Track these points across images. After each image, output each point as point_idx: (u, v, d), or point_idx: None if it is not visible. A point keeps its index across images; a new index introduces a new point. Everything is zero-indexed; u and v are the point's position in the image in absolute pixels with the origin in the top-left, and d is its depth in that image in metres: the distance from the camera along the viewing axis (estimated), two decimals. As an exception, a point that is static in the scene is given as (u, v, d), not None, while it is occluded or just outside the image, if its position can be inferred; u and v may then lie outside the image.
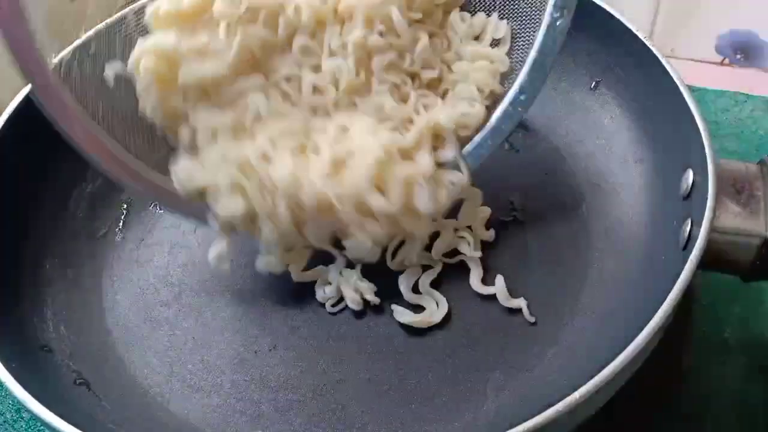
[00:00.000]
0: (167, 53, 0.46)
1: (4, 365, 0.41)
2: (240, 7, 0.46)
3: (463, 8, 0.51)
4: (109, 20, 0.50)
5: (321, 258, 0.50)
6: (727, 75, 0.73)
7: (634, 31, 0.52)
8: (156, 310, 0.52)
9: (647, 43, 0.51)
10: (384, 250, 0.49)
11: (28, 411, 0.40)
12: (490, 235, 0.52)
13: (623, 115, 0.55)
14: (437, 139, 0.49)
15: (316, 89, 0.48)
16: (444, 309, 0.49)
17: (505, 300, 0.49)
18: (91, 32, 0.50)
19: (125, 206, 0.57)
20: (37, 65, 0.45)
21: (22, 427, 0.52)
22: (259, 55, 0.47)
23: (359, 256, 0.48)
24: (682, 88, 0.47)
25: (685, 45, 0.73)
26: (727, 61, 0.74)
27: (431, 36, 0.49)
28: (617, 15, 0.53)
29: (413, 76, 0.49)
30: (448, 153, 0.48)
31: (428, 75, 0.49)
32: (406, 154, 0.47)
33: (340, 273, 0.50)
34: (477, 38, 0.51)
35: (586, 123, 0.57)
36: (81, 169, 0.56)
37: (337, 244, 0.48)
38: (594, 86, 0.57)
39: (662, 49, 0.50)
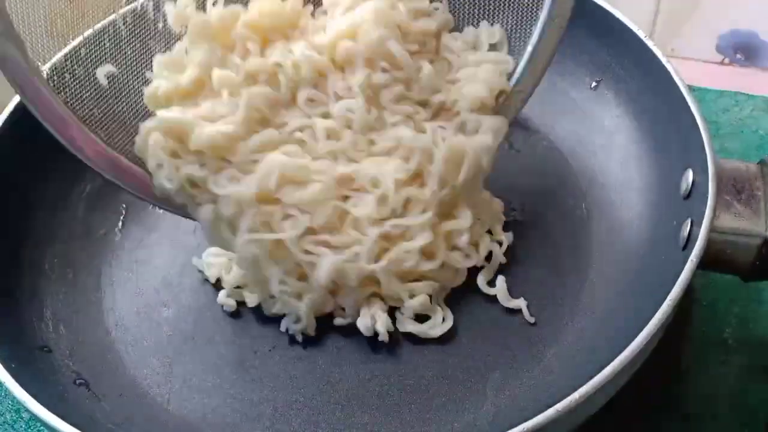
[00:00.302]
0: (174, 127, 0.46)
1: (3, 365, 0.41)
2: (239, 74, 0.47)
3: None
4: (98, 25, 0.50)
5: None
6: (727, 75, 0.72)
7: (635, 30, 0.52)
8: (156, 310, 0.52)
9: (647, 42, 0.51)
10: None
11: (28, 411, 0.40)
12: (508, 237, 0.52)
13: (623, 115, 0.55)
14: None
15: (330, 134, 0.48)
16: (448, 325, 0.48)
17: (506, 300, 0.49)
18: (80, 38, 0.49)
19: (125, 206, 0.57)
20: (26, 77, 0.44)
21: (21, 427, 0.52)
22: (266, 111, 0.48)
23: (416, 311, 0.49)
24: (682, 88, 0.47)
25: (686, 44, 0.73)
26: (727, 60, 0.73)
27: (431, 62, 0.49)
28: (618, 14, 0.53)
29: (423, 104, 0.49)
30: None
31: (438, 99, 0.49)
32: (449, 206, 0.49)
33: None
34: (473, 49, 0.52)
35: (586, 123, 0.57)
36: (81, 169, 0.55)
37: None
38: (594, 86, 0.57)
39: (662, 49, 0.50)
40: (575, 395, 0.36)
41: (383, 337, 0.47)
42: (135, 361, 0.49)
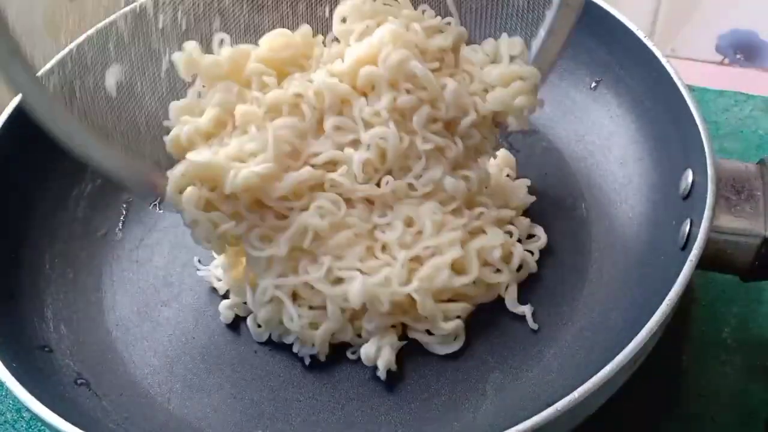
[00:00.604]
0: (203, 170, 0.45)
1: (4, 365, 0.41)
2: (261, 108, 0.47)
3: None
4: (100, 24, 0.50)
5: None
6: (727, 75, 0.73)
7: (635, 30, 0.52)
8: (156, 310, 0.52)
9: (647, 42, 0.51)
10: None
11: (29, 411, 0.40)
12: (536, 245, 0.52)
13: (623, 115, 0.55)
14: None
15: (366, 166, 0.47)
16: (459, 344, 0.47)
17: (513, 306, 0.49)
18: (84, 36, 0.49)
19: (125, 206, 0.57)
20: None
21: (22, 427, 0.52)
22: (296, 142, 0.47)
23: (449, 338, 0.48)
24: (682, 88, 0.47)
25: (685, 45, 0.73)
26: (727, 61, 0.74)
27: (451, 76, 0.49)
28: (617, 14, 0.53)
29: (450, 125, 0.49)
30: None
31: (467, 121, 0.48)
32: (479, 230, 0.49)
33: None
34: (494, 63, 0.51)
35: (586, 123, 0.57)
36: (81, 169, 0.56)
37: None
38: (594, 86, 0.57)
39: (662, 49, 0.50)
40: (575, 395, 0.36)
41: (381, 374, 0.46)
42: (135, 360, 0.49)
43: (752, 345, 0.52)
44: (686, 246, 0.43)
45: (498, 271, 0.49)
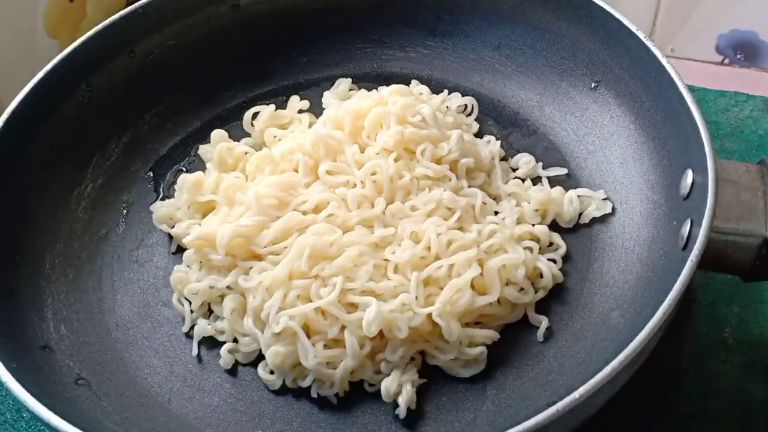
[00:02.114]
0: (201, 242, 0.50)
1: (4, 365, 0.41)
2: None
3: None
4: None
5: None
6: (727, 75, 0.73)
7: (635, 30, 0.52)
8: (156, 310, 0.52)
9: (647, 42, 0.51)
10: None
11: (29, 411, 0.40)
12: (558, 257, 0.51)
13: (623, 115, 0.55)
14: None
15: (361, 203, 0.49)
16: (480, 368, 0.46)
17: (532, 317, 0.48)
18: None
19: (125, 206, 0.57)
20: None
21: (22, 427, 0.52)
22: (282, 195, 0.50)
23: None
24: (682, 88, 0.47)
25: (685, 45, 0.73)
26: (727, 61, 0.74)
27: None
28: (618, 15, 0.53)
29: (454, 168, 0.53)
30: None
31: (468, 161, 0.53)
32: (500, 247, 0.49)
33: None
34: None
35: (586, 123, 0.57)
36: (81, 170, 0.56)
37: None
38: (594, 86, 0.57)
39: (662, 49, 0.50)
40: (575, 395, 0.36)
41: (401, 412, 0.45)
42: (135, 360, 0.49)
43: (753, 345, 0.52)
44: (687, 246, 0.43)
45: (522, 289, 0.48)
